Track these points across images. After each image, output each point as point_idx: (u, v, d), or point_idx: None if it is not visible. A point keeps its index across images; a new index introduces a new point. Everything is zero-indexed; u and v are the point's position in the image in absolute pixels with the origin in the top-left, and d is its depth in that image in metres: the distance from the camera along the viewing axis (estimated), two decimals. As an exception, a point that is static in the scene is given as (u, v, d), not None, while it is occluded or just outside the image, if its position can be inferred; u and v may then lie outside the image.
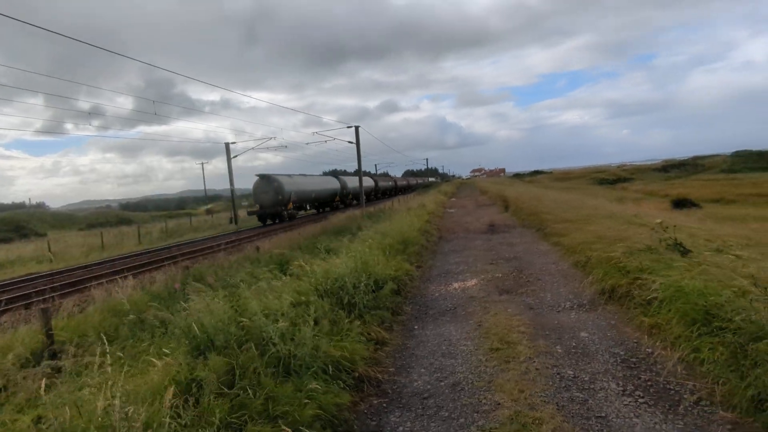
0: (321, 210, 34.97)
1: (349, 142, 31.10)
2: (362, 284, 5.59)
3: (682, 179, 69.67)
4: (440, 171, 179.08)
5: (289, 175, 30.82)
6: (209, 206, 67.16)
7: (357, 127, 29.84)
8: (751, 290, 3.64)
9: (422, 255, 10.37)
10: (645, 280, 5.13)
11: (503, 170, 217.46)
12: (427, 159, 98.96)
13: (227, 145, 33.22)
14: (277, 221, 28.63)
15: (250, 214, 29.28)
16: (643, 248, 6.23)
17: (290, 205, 29.07)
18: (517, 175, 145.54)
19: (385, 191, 56.46)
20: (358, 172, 31.64)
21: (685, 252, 5.76)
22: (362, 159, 30.55)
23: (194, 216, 51.12)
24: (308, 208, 33.60)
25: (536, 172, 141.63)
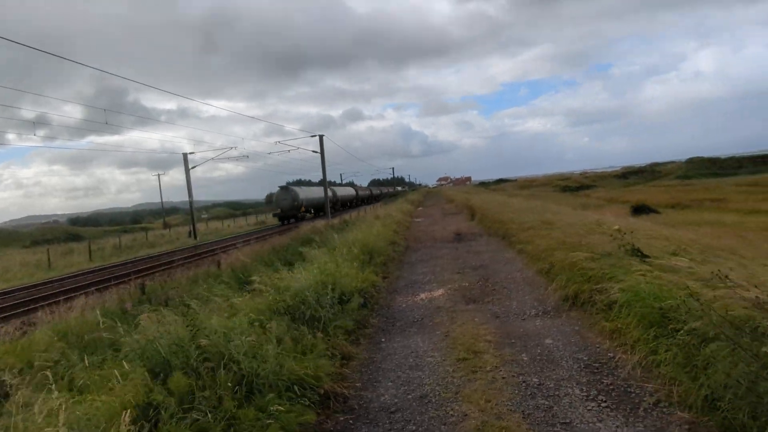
0: (317, 214, 42.67)
1: (314, 151, 30.97)
2: (327, 298, 5.56)
3: (641, 185, 73.23)
4: (407, 180, 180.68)
5: (300, 186, 43.62)
6: (166, 219, 65.15)
7: (321, 137, 29.81)
8: (702, 292, 3.87)
9: (389, 266, 10.42)
10: (606, 286, 5.35)
11: (469, 179, 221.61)
12: (393, 168, 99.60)
13: (185, 155, 32.40)
14: (293, 221, 38.56)
15: (274, 215, 40.39)
16: (604, 254, 6.50)
17: (302, 209, 39.71)
18: (483, 184, 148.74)
19: (349, 201, 59.42)
20: (323, 182, 31.54)
21: (642, 257, 6.05)
22: (327, 168, 30.46)
23: (150, 230, 49.60)
24: (311, 212, 42.88)
25: (501, 180, 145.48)
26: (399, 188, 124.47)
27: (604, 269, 5.83)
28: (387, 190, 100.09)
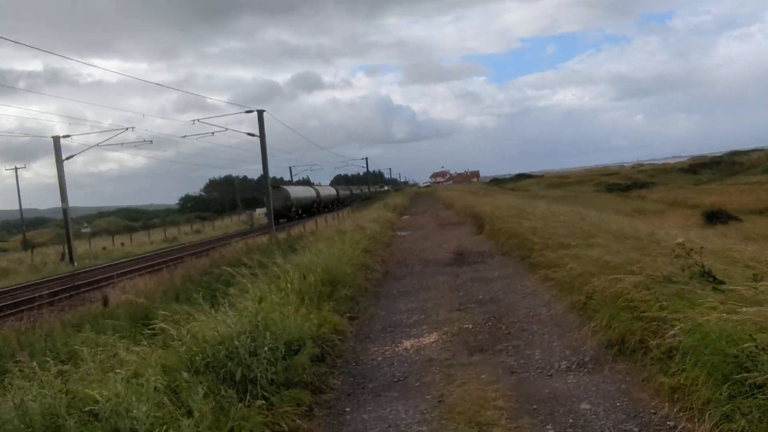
0: (305, 215, 58.81)
1: (249, 134, 30.89)
2: (266, 348, 5.53)
3: (716, 183, 75.27)
4: (387, 176, 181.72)
5: (291, 186, 64.22)
6: (27, 235, 63.62)
7: (261, 113, 29.70)
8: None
9: (359, 300, 10.49)
10: (664, 325, 5.47)
11: (476, 174, 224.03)
12: (366, 159, 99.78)
13: (56, 139, 31.86)
14: (286, 220, 53.01)
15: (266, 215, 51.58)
16: (661, 280, 6.65)
17: (294, 209, 57.28)
18: (496, 181, 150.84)
19: (309, 206, 66.16)
20: (264, 179, 31.43)
21: (716, 283, 6.21)
22: (271, 160, 30.47)
23: (2, 252, 48.47)
24: (300, 212, 59.56)
25: (521, 176, 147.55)
26: (378, 187, 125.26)
27: (661, 301, 5.96)
28: (359, 191, 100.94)
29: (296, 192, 61.97)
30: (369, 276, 12.69)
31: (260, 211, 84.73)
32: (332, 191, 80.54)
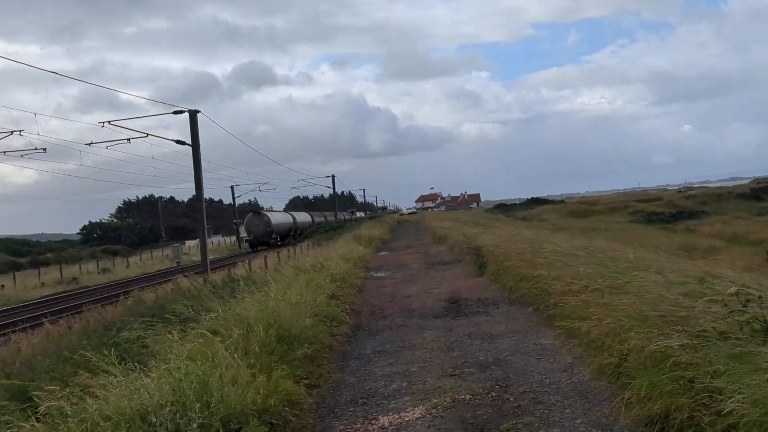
0: (282, 241, 75.83)
1: (178, 141, 30.85)
2: (194, 426, 5.46)
3: (786, 212, 76.62)
4: (359, 199, 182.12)
5: (272, 212, 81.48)
6: None
7: (194, 114, 29.71)
8: None
9: (321, 362, 10.45)
10: (719, 395, 5.51)
11: (476, 198, 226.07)
12: (332, 177, 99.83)
13: None
14: (266, 247, 67.31)
15: (246, 241, 75.76)
16: (714, 336, 6.71)
17: (274, 235, 73.95)
18: (502, 207, 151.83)
19: (281, 233, 79.65)
20: (197, 201, 31.32)
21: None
22: (207, 176, 30.41)
23: None
24: (278, 239, 76.41)
25: (535, 202, 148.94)
26: (348, 214, 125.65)
27: (714, 364, 6.01)
28: (322, 218, 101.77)
29: (276, 218, 79.29)
30: (335, 330, 12.64)
31: (191, 244, 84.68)
32: (308, 217, 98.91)
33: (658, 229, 66.38)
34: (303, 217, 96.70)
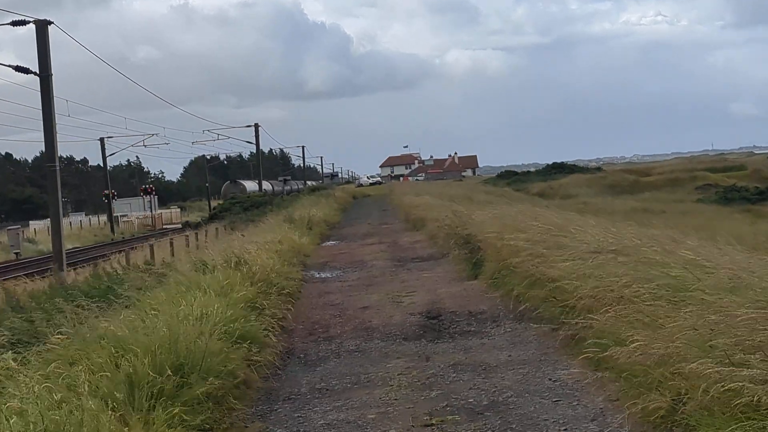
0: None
1: (18, 69, 30.59)
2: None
3: None
4: (294, 162, 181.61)
5: (246, 181, 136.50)
6: None
7: (43, 26, 29.51)
8: None
9: (233, 405, 10.45)
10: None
11: (471, 161, 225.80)
12: (256, 126, 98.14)
13: None
14: None
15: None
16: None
17: None
18: (508, 176, 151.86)
19: None
20: (50, 158, 31.06)
21: None
22: (64, 122, 30.32)
23: None
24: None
25: (559, 169, 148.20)
26: (281, 183, 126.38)
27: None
28: (240, 191, 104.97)
29: (249, 186, 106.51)
30: (255, 357, 12.53)
31: (38, 227, 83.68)
32: (280, 186, 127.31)
33: (740, 212, 66.46)
34: (278, 186, 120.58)
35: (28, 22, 29.42)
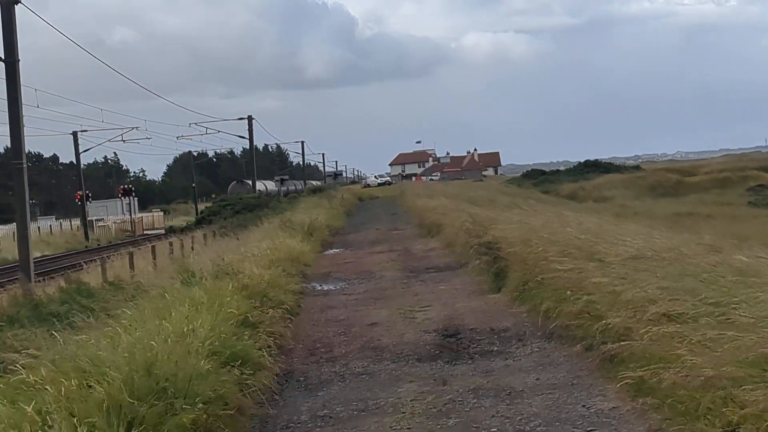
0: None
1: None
2: None
3: None
4: (292, 160, 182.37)
5: (253, 181, 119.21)
6: None
7: (8, 5, 29.57)
8: None
9: (223, 434, 10.36)
10: None
11: (494, 159, 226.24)
12: (250, 119, 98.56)
13: None
14: None
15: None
16: None
17: None
18: (535, 175, 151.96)
19: None
20: (16, 154, 31.11)
21: None
22: (31, 113, 30.39)
23: None
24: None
25: (592, 167, 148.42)
26: (278, 183, 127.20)
27: None
28: (242, 190, 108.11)
29: (261, 186, 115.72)
30: (248, 380, 12.50)
31: (2, 232, 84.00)
32: (276, 186, 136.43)
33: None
34: (271, 186, 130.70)
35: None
